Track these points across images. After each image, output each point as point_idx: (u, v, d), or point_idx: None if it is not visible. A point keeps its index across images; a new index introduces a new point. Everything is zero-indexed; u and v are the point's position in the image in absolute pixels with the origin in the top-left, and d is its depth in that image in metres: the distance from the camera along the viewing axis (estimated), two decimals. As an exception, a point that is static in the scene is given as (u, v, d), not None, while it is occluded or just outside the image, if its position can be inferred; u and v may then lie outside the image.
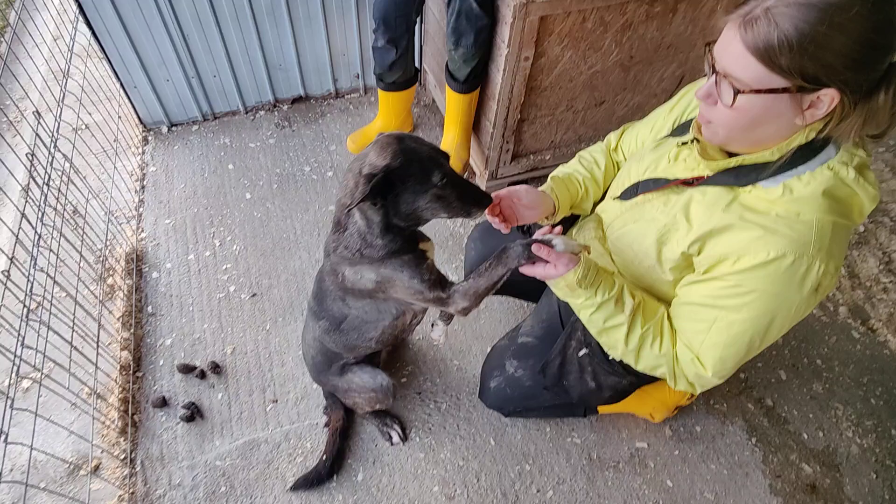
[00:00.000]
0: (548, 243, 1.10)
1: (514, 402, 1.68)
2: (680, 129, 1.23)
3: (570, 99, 2.13)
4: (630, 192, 1.23)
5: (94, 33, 2.21)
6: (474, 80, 2.05)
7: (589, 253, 1.18)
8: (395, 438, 1.73)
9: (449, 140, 2.32)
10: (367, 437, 1.76)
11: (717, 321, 1.03)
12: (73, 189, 1.93)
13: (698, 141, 1.07)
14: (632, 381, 1.45)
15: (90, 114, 2.25)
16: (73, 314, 1.60)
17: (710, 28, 2.07)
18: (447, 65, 2.07)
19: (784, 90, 0.86)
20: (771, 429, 1.86)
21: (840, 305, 2.20)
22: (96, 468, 1.65)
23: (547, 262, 1.10)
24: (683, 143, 1.15)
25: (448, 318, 1.58)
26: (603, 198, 1.46)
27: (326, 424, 1.74)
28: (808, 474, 1.77)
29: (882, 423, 1.90)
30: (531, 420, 1.81)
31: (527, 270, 1.14)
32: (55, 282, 1.54)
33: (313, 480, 1.63)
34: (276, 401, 1.82)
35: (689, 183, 1.09)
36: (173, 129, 2.67)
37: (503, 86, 1.95)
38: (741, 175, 1.00)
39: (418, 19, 2.24)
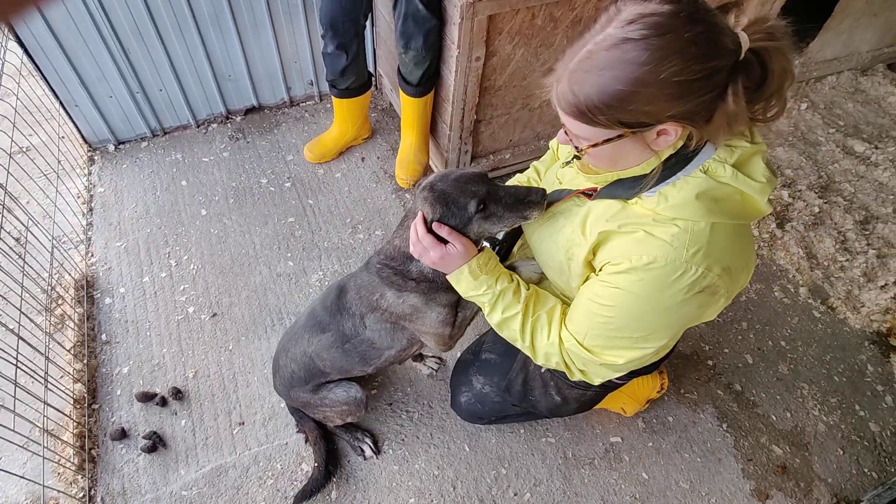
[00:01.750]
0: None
1: (485, 415, 1.68)
2: None
3: (526, 97, 2.12)
4: None
5: (26, 51, 2.10)
6: (427, 83, 2.02)
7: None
8: (368, 452, 1.69)
9: (407, 145, 2.29)
10: (339, 454, 1.72)
11: (596, 317, 1.04)
12: (14, 217, 1.83)
13: (579, 158, 1.08)
14: (596, 391, 1.46)
15: (28, 137, 2.14)
16: (17, 350, 1.51)
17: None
18: (399, 69, 2.04)
19: (619, 137, 0.87)
20: (741, 413, 1.88)
21: (800, 286, 2.24)
22: (53, 510, 1.57)
23: (448, 242, 1.13)
24: (567, 163, 1.16)
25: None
26: None
27: (306, 441, 1.70)
28: (778, 455, 1.79)
29: (846, 399, 1.94)
30: (505, 423, 1.79)
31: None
32: (-7, 318, 1.45)
33: (311, 490, 1.60)
34: (243, 423, 1.76)
35: (587, 194, 1.09)
36: (121, 146, 2.56)
37: (456, 87, 1.92)
38: (624, 188, 0.99)
39: (368, 23, 2.20)
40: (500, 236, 1.42)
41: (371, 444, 1.70)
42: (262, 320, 2.00)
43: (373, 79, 2.39)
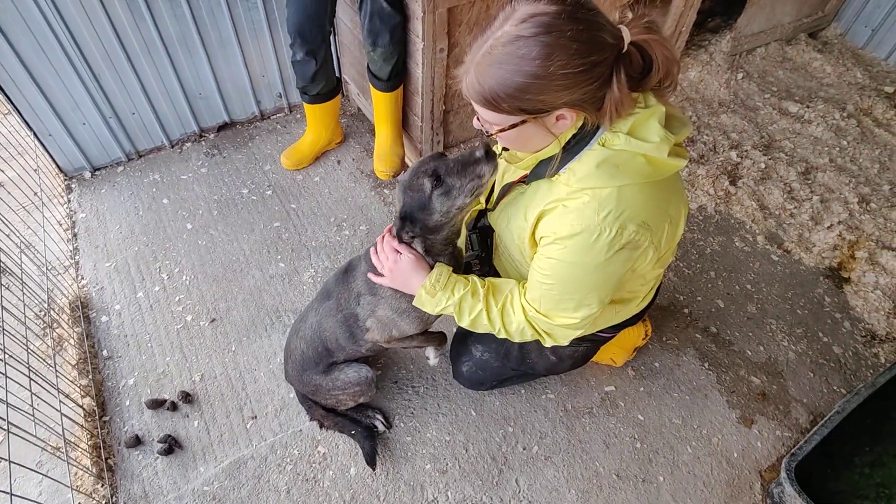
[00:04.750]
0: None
1: (487, 381, 1.79)
2: None
3: (489, 84, 2.26)
4: (496, 202, 1.38)
5: (-3, 85, 2.14)
6: (397, 78, 2.15)
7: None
8: (380, 427, 1.77)
9: (383, 138, 2.40)
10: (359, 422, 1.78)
11: (542, 285, 1.18)
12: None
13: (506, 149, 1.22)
14: (588, 346, 1.60)
15: (2, 171, 2.16)
16: (28, 363, 1.54)
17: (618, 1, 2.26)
18: (368, 67, 2.15)
19: (522, 122, 1.01)
20: (719, 352, 2.04)
21: (757, 235, 2.44)
22: (77, 520, 1.58)
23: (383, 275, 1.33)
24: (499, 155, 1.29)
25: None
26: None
27: (321, 427, 1.77)
28: (757, 385, 1.95)
29: (810, 328, 2.13)
30: (506, 386, 1.90)
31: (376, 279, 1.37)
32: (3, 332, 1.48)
33: (372, 447, 1.69)
34: (256, 417, 1.82)
35: (523, 181, 1.23)
36: (97, 173, 2.59)
37: (424, 79, 2.05)
38: (545, 166, 1.11)
39: (332, 30, 2.31)
40: (475, 247, 1.54)
41: (382, 419, 1.78)
42: (262, 320, 2.06)
43: (341, 84, 2.49)
